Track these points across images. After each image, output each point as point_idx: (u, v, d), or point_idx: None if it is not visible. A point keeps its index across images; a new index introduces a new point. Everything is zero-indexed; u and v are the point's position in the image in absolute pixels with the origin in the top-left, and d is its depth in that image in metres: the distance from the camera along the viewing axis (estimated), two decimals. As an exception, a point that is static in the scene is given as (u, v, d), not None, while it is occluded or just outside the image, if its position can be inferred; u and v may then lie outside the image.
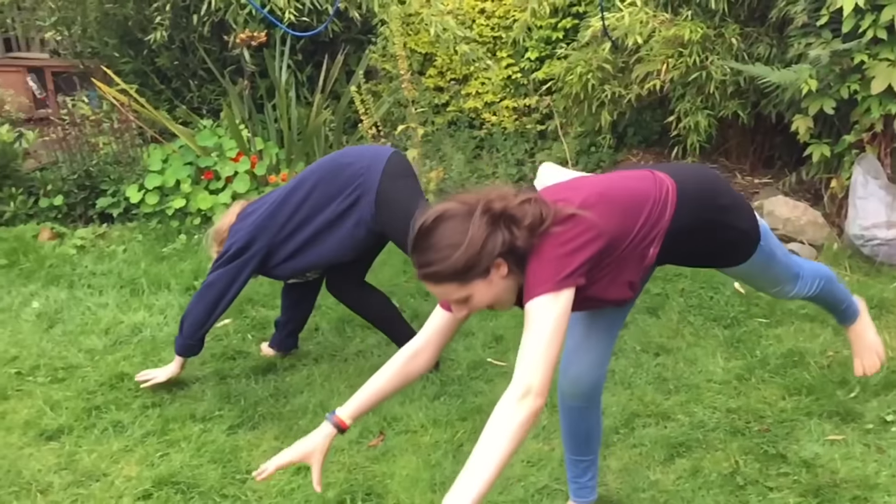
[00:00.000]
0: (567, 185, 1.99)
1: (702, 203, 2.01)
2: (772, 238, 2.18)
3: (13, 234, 4.68)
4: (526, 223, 1.76)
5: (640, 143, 5.36)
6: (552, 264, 1.76)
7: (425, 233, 1.78)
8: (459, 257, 1.74)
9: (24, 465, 2.80)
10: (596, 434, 2.31)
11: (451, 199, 1.83)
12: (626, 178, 2.02)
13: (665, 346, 3.35)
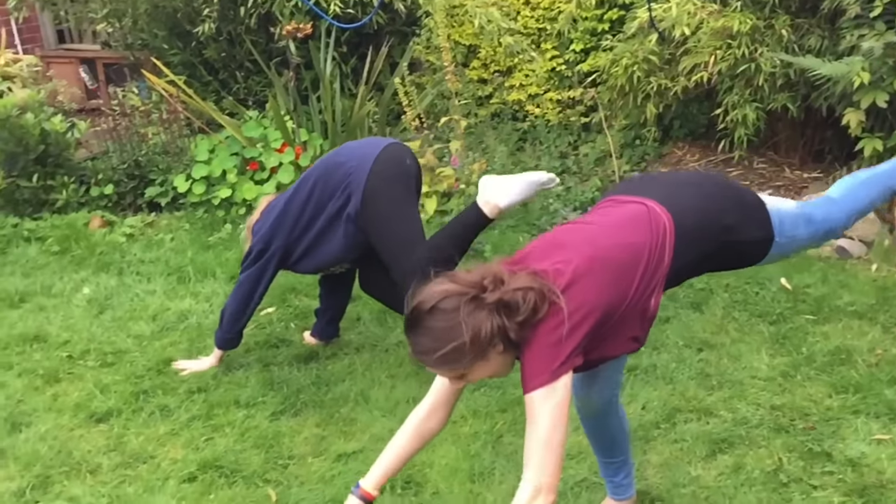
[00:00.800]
0: (554, 243, 1.91)
1: (703, 234, 1.96)
2: (788, 225, 2.10)
3: (65, 221, 4.80)
4: (520, 316, 1.73)
5: (686, 136, 5.30)
6: (546, 353, 1.74)
7: (420, 317, 1.76)
8: (453, 348, 1.73)
9: (74, 446, 2.88)
10: (620, 437, 2.30)
11: (449, 278, 1.80)
12: (618, 226, 1.92)
13: (708, 342, 3.31)
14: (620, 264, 1.84)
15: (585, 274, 1.79)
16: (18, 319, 3.81)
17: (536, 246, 1.93)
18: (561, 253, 1.85)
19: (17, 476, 2.73)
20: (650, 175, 2.31)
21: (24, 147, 4.85)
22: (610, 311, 1.81)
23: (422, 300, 1.76)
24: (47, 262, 4.44)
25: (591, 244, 1.86)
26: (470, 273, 1.79)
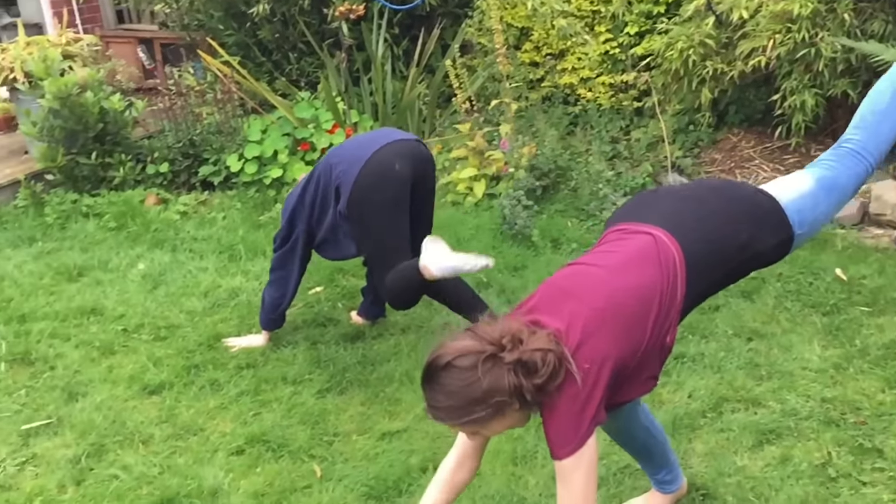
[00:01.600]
0: (563, 291, 1.84)
1: (716, 259, 1.91)
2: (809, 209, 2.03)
3: (122, 198, 4.91)
4: (538, 379, 1.68)
5: (741, 122, 5.19)
6: (569, 422, 1.72)
7: (436, 373, 1.73)
8: (469, 406, 1.71)
9: (128, 417, 2.97)
10: (650, 443, 2.27)
11: (467, 335, 1.74)
12: (625, 267, 1.85)
13: (759, 332, 3.26)
14: (632, 313, 1.79)
15: (597, 328, 1.75)
16: (76, 293, 3.92)
17: (544, 294, 1.87)
18: (570, 303, 1.79)
19: (73, 444, 2.82)
20: (654, 192, 2.21)
21: (84, 125, 4.97)
22: (625, 360, 1.77)
23: (438, 355, 1.72)
24: (104, 237, 4.55)
25: (600, 293, 1.80)
26: (490, 328, 1.74)
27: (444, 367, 1.70)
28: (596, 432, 1.75)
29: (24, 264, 4.24)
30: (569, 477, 1.74)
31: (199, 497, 2.53)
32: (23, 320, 3.65)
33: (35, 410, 3.02)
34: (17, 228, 4.71)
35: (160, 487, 2.57)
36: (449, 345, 1.73)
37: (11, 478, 2.67)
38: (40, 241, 4.55)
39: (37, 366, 3.31)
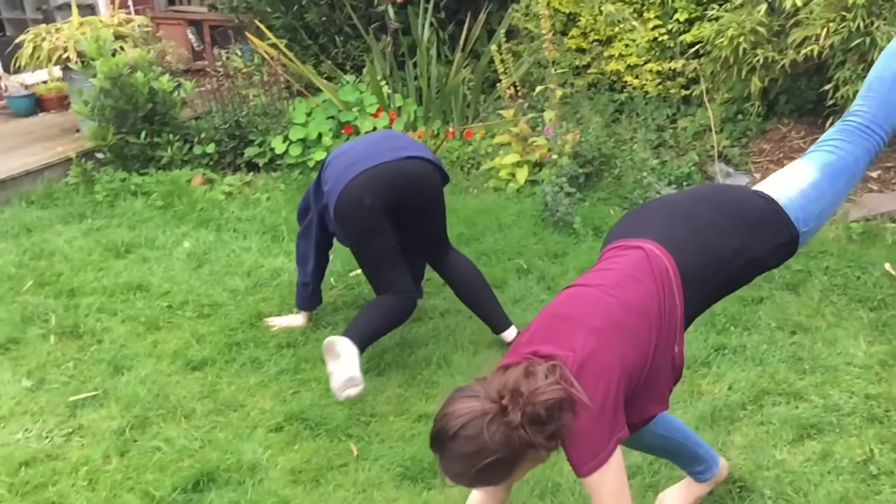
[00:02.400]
0: (560, 317, 1.82)
1: (711, 268, 1.88)
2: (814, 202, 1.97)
3: (170, 178, 4.99)
4: (548, 428, 1.66)
5: (791, 111, 5.08)
6: (589, 442, 1.69)
7: (445, 444, 1.69)
8: (483, 470, 1.67)
9: (171, 391, 3.03)
10: (671, 449, 2.25)
11: (467, 394, 1.71)
12: (620, 284, 1.83)
13: (803, 325, 3.20)
14: (633, 328, 1.77)
15: (599, 344, 1.72)
16: (124, 269, 4.00)
17: (542, 322, 1.85)
18: (568, 329, 1.77)
19: (118, 416, 2.89)
20: (646, 207, 2.16)
21: (134, 105, 5.05)
22: (634, 372, 1.75)
23: (444, 426, 1.68)
24: (152, 216, 4.63)
25: (597, 313, 1.78)
26: (488, 384, 1.70)
27: (453, 438, 1.66)
28: (619, 454, 1.73)
29: (74, 240, 4.34)
30: (597, 491, 1.73)
31: (237, 471, 2.57)
32: (72, 294, 3.74)
33: (82, 382, 3.09)
34: (67, 205, 4.82)
35: (201, 461, 2.63)
36: (452, 412, 1.68)
37: (58, 447, 2.74)
38: (90, 217, 4.65)
39: (84, 339, 3.39)
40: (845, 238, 3.87)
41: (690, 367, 2.98)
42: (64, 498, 2.48)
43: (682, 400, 2.81)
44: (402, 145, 3.09)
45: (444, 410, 1.70)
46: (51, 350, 3.30)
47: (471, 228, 4.29)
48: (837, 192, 2.01)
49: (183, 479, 2.53)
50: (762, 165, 4.79)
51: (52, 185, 5.08)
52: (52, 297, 3.72)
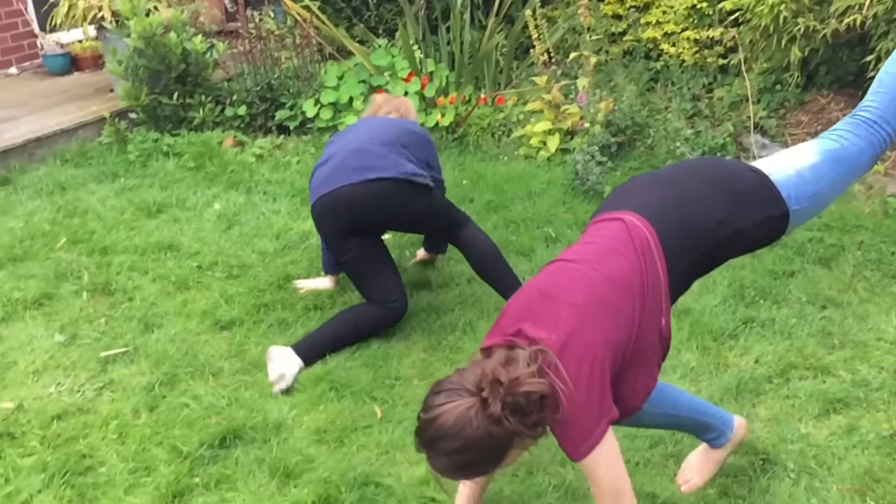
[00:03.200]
0: (541, 295, 1.78)
1: (693, 237, 1.85)
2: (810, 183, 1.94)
3: (201, 139, 5.02)
4: (531, 418, 1.63)
5: (832, 83, 4.97)
6: (578, 427, 1.68)
7: (430, 442, 1.67)
8: (470, 464, 1.67)
9: (199, 350, 3.07)
10: (678, 423, 2.24)
11: (450, 387, 1.67)
12: (601, 258, 1.80)
13: (834, 300, 3.16)
14: (615, 302, 1.75)
15: (581, 323, 1.70)
16: (155, 229, 4.05)
17: (524, 299, 1.82)
18: (549, 306, 1.75)
19: (148, 372, 2.94)
20: (632, 180, 2.12)
21: (167, 65, 5.07)
22: (619, 348, 1.73)
23: (427, 425, 1.66)
24: (183, 176, 4.67)
25: (578, 289, 1.76)
26: (465, 375, 1.67)
27: (436, 436, 1.65)
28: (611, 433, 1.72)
29: (106, 199, 4.39)
30: (594, 474, 1.73)
31: (263, 430, 2.61)
32: (104, 252, 3.80)
33: (113, 339, 3.15)
34: (101, 164, 4.87)
35: (227, 418, 2.67)
36: (433, 408, 1.66)
37: (90, 401, 2.80)
38: (122, 177, 4.70)
39: (116, 296, 3.45)
40: (881, 213, 3.80)
41: (717, 339, 2.96)
42: (94, 451, 2.53)
43: (707, 372, 2.80)
44: (369, 164, 3.03)
45: (427, 408, 1.67)
46: (83, 306, 3.36)
47: (500, 196, 4.27)
48: (837, 178, 1.99)
49: (210, 435, 2.57)
50: (799, 137, 4.70)
51: (85, 144, 5.13)
52: (84, 255, 3.78)
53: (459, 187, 4.40)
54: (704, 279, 3.36)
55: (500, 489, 2.30)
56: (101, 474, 2.43)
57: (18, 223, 4.13)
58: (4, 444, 2.57)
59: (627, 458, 2.39)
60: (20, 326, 3.23)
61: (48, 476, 2.40)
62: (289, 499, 2.29)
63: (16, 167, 4.82)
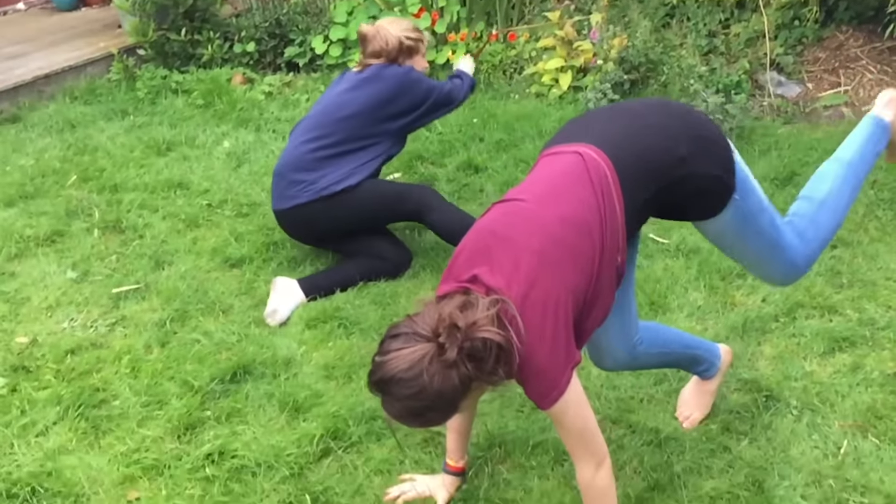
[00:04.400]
0: (496, 237, 1.71)
1: (648, 173, 1.78)
2: (753, 198, 1.90)
3: (210, 76, 4.98)
4: (487, 365, 1.58)
5: (851, 19, 4.85)
6: (543, 376, 1.66)
7: (383, 388, 1.61)
8: (424, 410, 1.62)
9: (210, 287, 3.10)
10: (671, 358, 2.23)
11: (405, 330, 1.61)
12: (557, 195, 1.74)
13: (844, 239, 3.14)
14: (573, 244, 1.70)
15: (541, 270, 1.65)
16: (164, 167, 4.05)
17: (477, 241, 1.74)
18: (506, 251, 1.68)
19: (159, 308, 2.97)
20: (587, 113, 2.06)
21: (174, 0, 5.01)
22: (580, 291, 1.70)
23: (381, 370, 1.60)
24: (192, 114, 4.65)
25: (534, 233, 1.70)
26: (422, 319, 1.61)
27: (390, 381, 1.59)
28: (576, 378, 1.70)
29: (116, 136, 4.39)
30: (561, 419, 1.73)
31: (273, 365, 2.65)
32: (115, 190, 3.81)
33: (125, 276, 3.18)
34: (110, 101, 4.85)
35: (237, 354, 2.71)
36: (388, 352, 1.61)
37: (102, 336, 2.84)
38: (132, 114, 4.69)
39: (127, 234, 3.47)
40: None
41: (725, 278, 2.96)
42: (108, 384, 2.58)
43: (714, 311, 2.80)
44: (286, 193, 3.14)
45: (383, 352, 1.62)
46: (94, 243, 3.39)
47: (510, 135, 4.23)
48: (756, 236, 1.94)
49: (220, 370, 2.61)
50: (816, 75, 4.62)
51: (94, 80, 5.11)
52: (95, 192, 3.79)
53: (470, 126, 4.36)
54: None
55: (505, 424, 2.34)
56: (115, 407, 2.49)
57: (29, 161, 4.14)
58: (20, 377, 2.62)
59: (632, 395, 2.43)
60: (33, 263, 3.26)
61: (63, 408, 2.46)
62: (298, 432, 2.34)
63: (25, 104, 4.82)
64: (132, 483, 2.20)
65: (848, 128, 4.14)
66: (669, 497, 2.07)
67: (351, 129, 3.11)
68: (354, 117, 3.11)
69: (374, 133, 3.14)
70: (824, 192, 2.09)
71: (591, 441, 1.75)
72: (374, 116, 3.12)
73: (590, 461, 1.75)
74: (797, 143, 3.95)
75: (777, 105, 4.40)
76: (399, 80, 3.14)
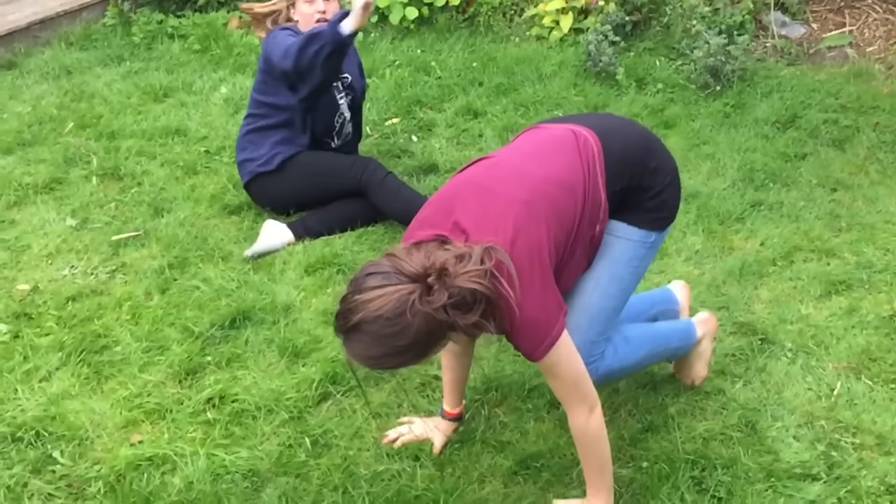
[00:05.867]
0: (483, 189, 1.71)
1: (629, 167, 1.83)
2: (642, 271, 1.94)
3: (206, 20, 4.91)
4: (472, 317, 1.55)
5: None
6: (534, 324, 1.64)
7: (358, 323, 1.54)
8: (396, 352, 1.56)
9: (209, 234, 3.11)
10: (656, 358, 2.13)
11: (387, 269, 1.55)
12: (545, 156, 1.77)
13: (844, 182, 3.13)
14: (559, 202, 1.71)
15: (528, 219, 1.66)
16: (162, 113, 4.02)
17: (462, 192, 1.73)
18: (493, 203, 1.68)
19: (159, 255, 2.98)
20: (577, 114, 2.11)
21: (167, -58, 4.92)
22: (559, 246, 1.71)
23: (359, 307, 1.53)
24: (189, 59, 4.60)
25: (523, 186, 1.71)
26: (411, 259, 1.56)
27: (368, 319, 1.53)
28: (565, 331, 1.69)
29: (113, 83, 4.35)
30: (554, 370, 1.73)
31: (272, 311, 2.66)
32: (112, 137, 3.79)
33: (124, 223, 3.18)
34: (105, 47, 4.80)
35: (237, 300, 2.72)
36: (370, 290, 1.54)
37: (103, 284, 2.86)
38: (128, 60, 4.64)
39: (125, 181, 3.46)
40: (900, 93, 3.71)
41: (724, 222, 2.96)
42: (109, 330, 2.61)
43: (711, 255, 2.81)
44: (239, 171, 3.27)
45: (359, 289, 1.55)
46: (93, 191, 3.38)
47: (510, 78, 4.19)
48: (622, 285, 1.91)
49: (220, 316, 2.63)
50: (821, 15, 4.54)
51: (90, 25, 5.04)
52: (93, 139, 3.77)
53: (469, 69, 4.31)
54: (715, 163, 3.34)
55: (501, 368, 2.36)
56: (116, 353, 2.51)
57: (26, 108, 4.12)
58: (22, 324, 2.64)
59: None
60: (32, 210, 3.27)
61: (65, 354, 2.48)
62: (297, 377, 2.37)
63: (21, 50, 4.76)
64: (135, 426, 2.24)
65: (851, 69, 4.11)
66: (663, 438, 2.10)
67: (258, 105, 3.19)
68: (255, 92, 3.20)
69: (278, 106, 3.13)
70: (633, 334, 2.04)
71: (582, 389, 1.76)
72: (265, 89, 3.15)
73: (582, 407, 1.76)
74: (800, 85, 3.91)
75: (781, 46, 4.34)
76: (264, 44, 3.13)
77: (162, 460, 2.11)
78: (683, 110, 3.81)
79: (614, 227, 1.88)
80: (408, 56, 4.51)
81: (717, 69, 3.93)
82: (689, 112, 3.80)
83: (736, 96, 3.86)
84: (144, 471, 2.08)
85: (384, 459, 2.10)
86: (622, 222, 1.88)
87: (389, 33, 4.77)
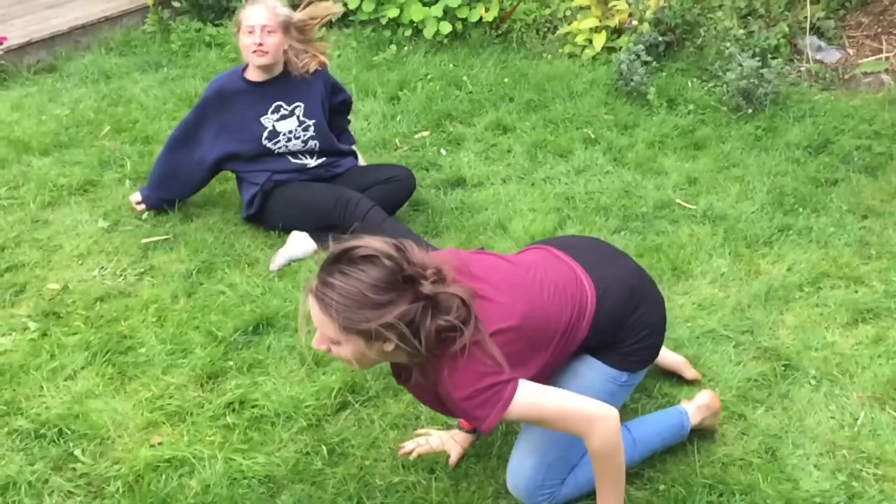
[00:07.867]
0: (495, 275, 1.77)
1: (613, 320, 1.86)
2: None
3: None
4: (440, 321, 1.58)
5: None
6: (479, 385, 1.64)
7: (355, 259, 1.58)
8: (362, 317, 1.57)
9: (236, 240, 3.14)
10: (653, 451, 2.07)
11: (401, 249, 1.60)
12: (547, 289, 1.80)
13: (875, 209, 3.09)
14: (537, 338, 1.75)
15: (517, 333, 1.71)
16: (196, 120, 4.07)
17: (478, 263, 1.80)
18: (503, 295, 1.74)
19: (187, 259, 3.02)
20: (586, 238, 2.23)
21: (209, -47, 5.01)
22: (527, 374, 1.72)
23: (366, 244, 1.59)
24: (224, 68, 4.64)
25: (526, 301, 1.75)
26: (423, 255, 1.64)
27: (367, 258, 1.57)
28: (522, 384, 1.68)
29: (149, 89, 4.43)
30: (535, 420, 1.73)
31: (295, 318, 2.68)
32: (147, 142, 3.85)
33: (154, 226, 3.23)
34: (144, 53, 4.88)
35: (261, 306, 2.75)
36: (380, 242, 1.60)
37: (131, 285, 2.90)
38: (165, 67, 4.71)
39: (157, 186, 3.51)
40: (936, 122, 3.66)
41: (751, 246, 2.94)
42: (135, 332, 2.64)
43: (738, 278, 2.78)
44: None
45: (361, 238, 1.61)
46: (126, 194, 3.44)
47: (541, 95, 4.20)
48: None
49: (244, 322, 2.66)
50: (857, 40, 4.50)
51: (130, 32, 5.14)
52: (128, 143, 3.84)
53: (500, 85, 4.33)
54: (744, 186, 3.31)
55: (521, 383, 2.36)
56: (141, 354, 2.55)
57: (64, 110, 4.20)
58: (50, 322, 2.69)
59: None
60: (66, 212, 3.33)
61: (91, 354, 2.52)
62: (317, 385, 2.38)
63: (62, 54, 4.87)
64: (155, 428, 2.26)
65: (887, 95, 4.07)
66: (681, 461, 2.09)
67: None
68: None
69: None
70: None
71: (575, 414, 1.71)
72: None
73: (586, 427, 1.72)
74: (833, 110, 3.88)
75: (815, 71, 4.30)
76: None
77: (180, 462, 2.13)
78: (714, 132, 3.79)
79: (587, 360, 1.90)
80: (440, 70, 4.53)
81: (749, 92, 3.91)
82: (719, 134, 3.77)
83: (768, 119, 3.84)
84: (163, 472, 2.10)
85: (400, 471, 2.11)
86: (595, 358, 1.90)
87: (423, 47, 4.80)
